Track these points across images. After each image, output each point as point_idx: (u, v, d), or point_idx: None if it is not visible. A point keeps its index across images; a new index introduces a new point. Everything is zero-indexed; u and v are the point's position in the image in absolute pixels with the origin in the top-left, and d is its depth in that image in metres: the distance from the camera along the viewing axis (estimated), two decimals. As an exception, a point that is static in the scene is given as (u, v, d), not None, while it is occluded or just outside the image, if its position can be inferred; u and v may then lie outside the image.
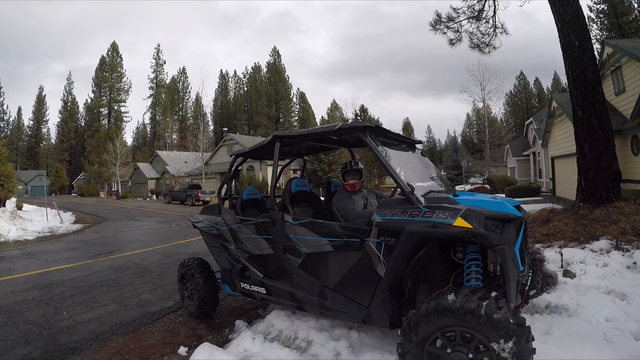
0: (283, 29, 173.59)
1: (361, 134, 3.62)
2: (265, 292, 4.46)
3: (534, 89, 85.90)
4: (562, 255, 5.94)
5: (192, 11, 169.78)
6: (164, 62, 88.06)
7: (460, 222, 2.90)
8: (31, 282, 7.62)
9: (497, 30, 11.47)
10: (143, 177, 54.15)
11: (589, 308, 4.11)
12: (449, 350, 2.68)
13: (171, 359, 4.24)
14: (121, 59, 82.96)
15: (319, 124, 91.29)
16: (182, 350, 4.35)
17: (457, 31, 11.71)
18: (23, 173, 69.20)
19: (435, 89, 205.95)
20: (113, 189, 56.21)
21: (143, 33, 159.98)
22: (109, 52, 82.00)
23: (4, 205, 16.91)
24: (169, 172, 49.55)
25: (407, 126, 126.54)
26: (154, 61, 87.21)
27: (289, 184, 4.68)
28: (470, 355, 2.61)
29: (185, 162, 49.45)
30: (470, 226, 2.87)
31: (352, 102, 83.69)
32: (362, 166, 4.69)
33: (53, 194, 54.93)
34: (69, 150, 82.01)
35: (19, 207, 19.95)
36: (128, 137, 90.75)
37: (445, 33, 11.82)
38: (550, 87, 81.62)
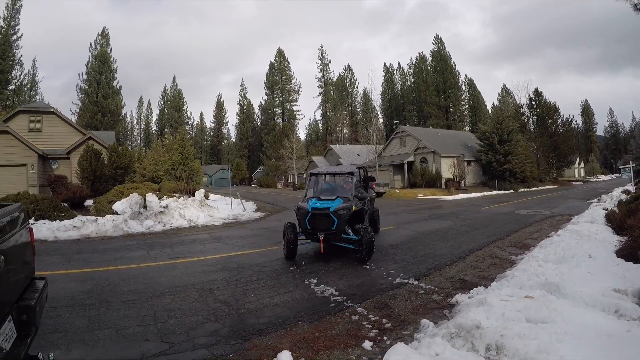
0: (431, 17, 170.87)
1: (311, 174, 10.35)
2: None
3: None
4: None
5: (342, 14, 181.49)
6: (329, 62, 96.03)
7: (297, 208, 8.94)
8: (220, 264, 8.45)
9: None
10: (318, 169, 57.33)
11: None
12: None
13: (355, 352, 4.22)
14: (288, 62, 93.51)
15: (490, 111, 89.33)
16: (367, 344, 4.38)
17: None
18: (207, 167, 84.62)
19: (609, 64, 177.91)
20: (289, 181, 61.46)
21: (298, 39, 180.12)
22: (276, 58, 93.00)
23: (194, 195, 19.46)
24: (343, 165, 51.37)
25: (585, 110, 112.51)
26: (319, 61, 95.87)
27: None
28: None
29: (358, 154, 51.23)
30: (295, 211, 9.16)
31: (525, 86, 75.34)
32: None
33: (234, 185, 61.78)
34: (248, 147, 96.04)
35: (206, 197, 22.70)
36: (301, 133, 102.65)
37: None
38: None
